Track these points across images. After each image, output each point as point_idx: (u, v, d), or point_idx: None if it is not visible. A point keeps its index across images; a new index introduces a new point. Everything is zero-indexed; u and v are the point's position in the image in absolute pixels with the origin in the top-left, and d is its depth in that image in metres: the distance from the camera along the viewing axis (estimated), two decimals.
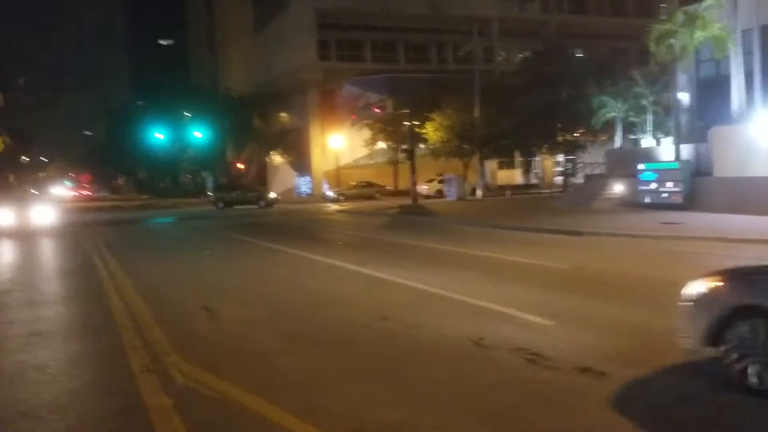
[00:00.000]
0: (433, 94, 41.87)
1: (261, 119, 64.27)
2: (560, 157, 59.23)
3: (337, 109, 57.04)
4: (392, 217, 28.55)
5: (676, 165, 21.37)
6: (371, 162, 56.50)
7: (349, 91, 57.19)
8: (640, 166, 22.89)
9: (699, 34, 21.06)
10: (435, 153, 41.40)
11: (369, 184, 50.71)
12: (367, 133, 52.58)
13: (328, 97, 57.47)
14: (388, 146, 52.97)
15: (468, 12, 60.13)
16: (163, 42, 79.45)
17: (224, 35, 77.18)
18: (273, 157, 62.62)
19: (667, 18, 22.96)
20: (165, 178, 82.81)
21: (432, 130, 39.64)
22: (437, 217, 26.04)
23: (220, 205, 42.58)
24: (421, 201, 37.21)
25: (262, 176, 62.14)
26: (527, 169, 57.56)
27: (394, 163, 53.95)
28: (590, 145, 44.61)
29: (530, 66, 43.45)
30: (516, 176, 59.00)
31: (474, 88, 38.92)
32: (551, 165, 64.29)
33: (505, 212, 26.51)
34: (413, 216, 27.36)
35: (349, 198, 48.23)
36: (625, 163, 32.06)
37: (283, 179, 61.15)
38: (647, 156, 31.53)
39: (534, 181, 61.07)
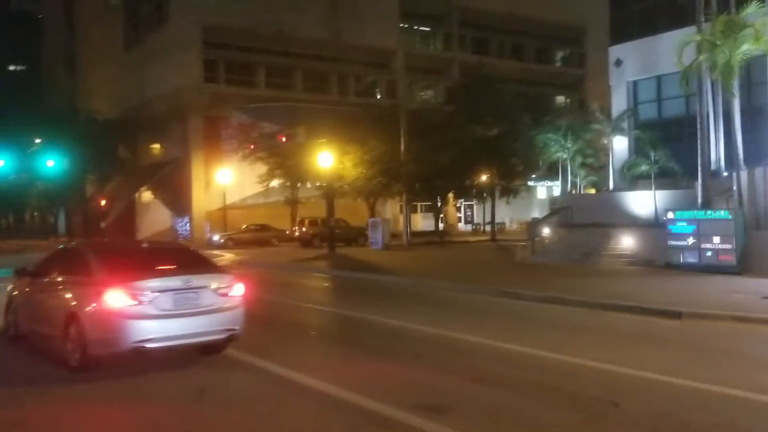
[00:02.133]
0: (345, 126, 35.73)
1: (128, 149, 55.04)
2: (462, 203, 55.48)
3: (223, 139, 49.31)
4: (323, 273, 21.70)
5: (727, 215, 16.31)
6: (263, 201, 49.14)
7: (238, 119, 49.75)
8: (670, 215, 17.70)
9: (746, 47, 16.39)
10: (355, 191, 34.99)
11: (263, 227, 43.19)
12: (260, 168, 45.31)
13: (213, 125, 49.64)
14: (286, 183, 45.96)
15: (370, 42, 55.13)
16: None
17: (87, 53, 67.09)
18: (143, 193, 53.37)
19: (703, 31, 18.26)
20: (7, 215, 70.16)
21: (351, 165, 33.29)
22: (392, 274, 19.51)
23: None
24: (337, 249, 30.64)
25: (129, 215, 52.63)
26: (437, 214, 52.56)
27: (292, 203, 46.92)
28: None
29: (457, 98, 38.42)
30: (419, 221, 53.81)
31: (399, 119, 33.21)
32: (455, 211, 59.90)
33: (482, 270, 20.53)
34: (353, 272, 20.68)
35: (239, 243, 40.55)
36: (591, 209, 27.43)
37: (156, 220, 52.03)
38: (616, 202, 27.17)
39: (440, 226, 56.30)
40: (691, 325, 11.19)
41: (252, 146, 38.29)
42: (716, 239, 16.36)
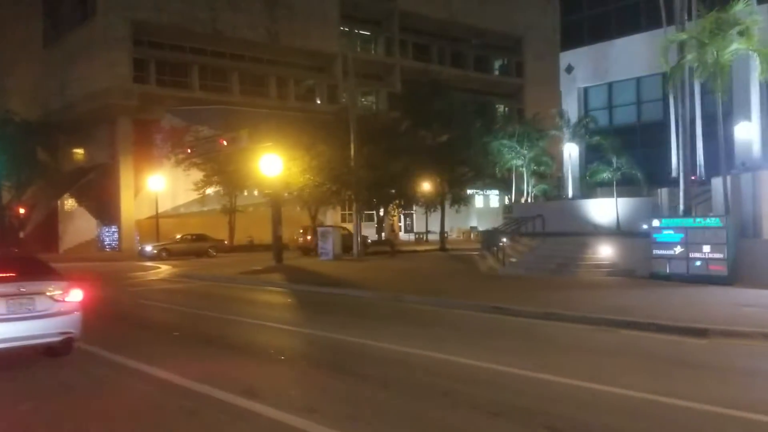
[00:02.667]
0: (289, 131, 33.80)
1: (49, 153, 51.14)
2: (400, 212, 54.31)
3: (154, 144, 46.34)
4: (279, 287, 19.74)
5: (718, 222, 15.38)
6: (198, 210, 46.44)
7: (170, 122, 46.95)
8: (655, 222, 16.70)
9: (735, 47, 15.64)
10: (300, 199, 33.04)
11: (200, 237, 40.48)
12: (195, 175, 42.71)
13: (143, 128, 46.59)
14: (224, 191, 43.53)
15: (309, 45, 53.40)
16: None
17: (2, 50, 62.30)
18: (67, 201, 49.60)
19: (688, 29, 17.44)
20: None
21: (297, 172, 31.35)
22: (359, 288, 17.77)
23: None
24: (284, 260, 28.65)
25: (51, 224, 48.75)
26: (380, 222, 51.13)
27: (229, 212, 44.48)
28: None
29: (404, 103, 37.11)
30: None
31: (348, 124, 31.57)
32: (396, 220, 58.77)
33: (454, 282, 19.04)
34: (315, 287, 18.81)
35: (173, 254, 37.84)
36: (554, 217, 26.54)
37: (81, 229, 48.37)
38: (578, 210, 26.41)
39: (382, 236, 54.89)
40: (720, 345, 10.03)
41: (189, 150, 35.79)
42: (706, 248, 15.44)
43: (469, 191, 42.11)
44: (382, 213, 46.80)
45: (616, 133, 30.74)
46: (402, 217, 59.91)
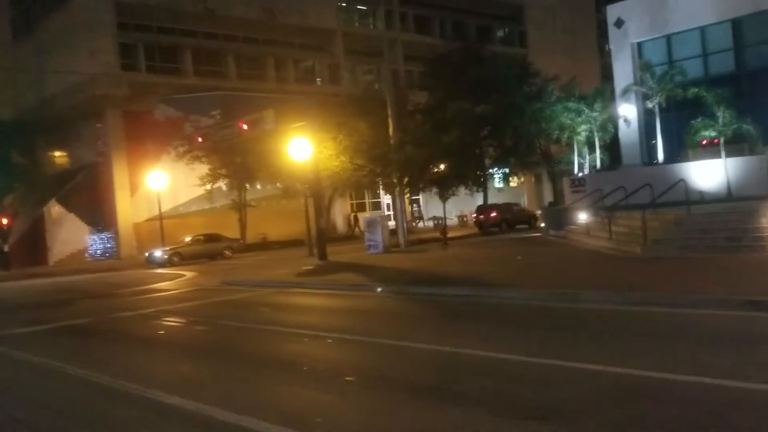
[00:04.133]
0: (310, 111, 29.55)
1: (26, 156, 46.08)
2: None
3: (149, 137, 41.64)
4: (367, 290, 15.58)
5: None
6: (201, 208, 42.07)
7: (164, 113, 42.37)
8: None
9: None
10: (336, 186, 28.87)
11: (213, 238, 36.05)
12: (198, 170, 38.30)
13: (135, 121, 41.84)
14: (233, 185, 39.18)
15: (307, 22, 48.96)
16: None
17: None
18: (53, 207, 44.68)
19: None
20: None
21: (330, 155, 27.14)
22: (480, 286, 13.70)
23: None
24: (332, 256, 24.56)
25: (37, 234, 43.83)
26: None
27: (240, 207, 40.13)
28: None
29: (441, 69, 32.93)
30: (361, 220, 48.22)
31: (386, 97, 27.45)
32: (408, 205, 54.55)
33: (594, 269, 15.14)
34: (414, 287, 14.66)
35: (186, 258, 33.58)
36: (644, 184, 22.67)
37: (71, 237, 43.51)
38: (676, 175, 22.55)
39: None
40: None
41: (200, 139, 31.31)
42: None
43: (501, 169, 38.06)
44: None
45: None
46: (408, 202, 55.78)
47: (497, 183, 52.79)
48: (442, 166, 28.86)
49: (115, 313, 14.93)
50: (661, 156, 25.00)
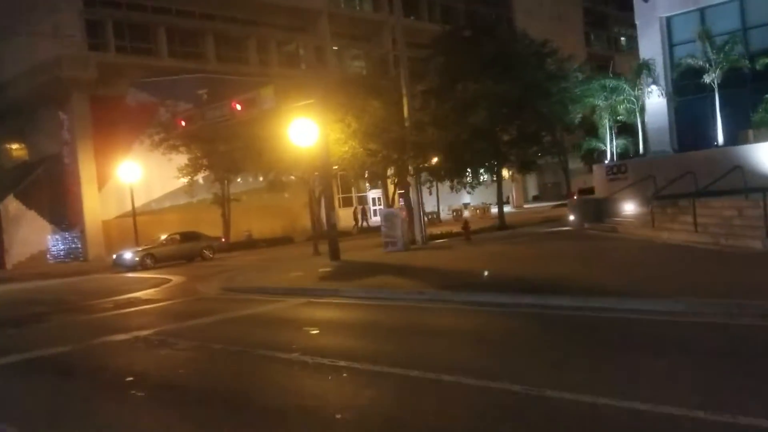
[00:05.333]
0: (310, 90, 25.88)
1: None
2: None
3: (120, 125, 37.45)
4: (434, 301, 12.11)
5: None
6: (175, 204, 38.23)
7: (136, 98, 38.27)
8: None
9: None
10: (349, 172, 25.29)
11: (190, 236, 32.06)
12: (175, 161, 34.36)
13: (103, 107, 37.58)
14: (215, 177, 35.33)
15: (291, 1, 45.23)
16: None
17: None
18: (10, 204, 40.11)
19: None
20: None
21: (337, 139, 23.54)
22: (589, 294, 10.47)
23: None
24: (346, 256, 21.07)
25: None
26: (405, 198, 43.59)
27: (223, 202, 36.29)
28: None
29: (452, 44, 29.45)
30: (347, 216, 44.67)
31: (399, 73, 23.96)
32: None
33: (709, 269, 12.01)
34: (495, 296, 11.28)
35: (160, 260, 29.68)
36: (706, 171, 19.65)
37: (32, 237, 39.03)
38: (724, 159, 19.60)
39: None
40: None
41: (182, 123, 27.37)
42: None
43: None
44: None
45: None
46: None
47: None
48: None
49: (103, 335, 11.22)
50: (720, 138, 22.04)
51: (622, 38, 77.03)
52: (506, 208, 61.01)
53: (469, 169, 27.72)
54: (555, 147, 32.97)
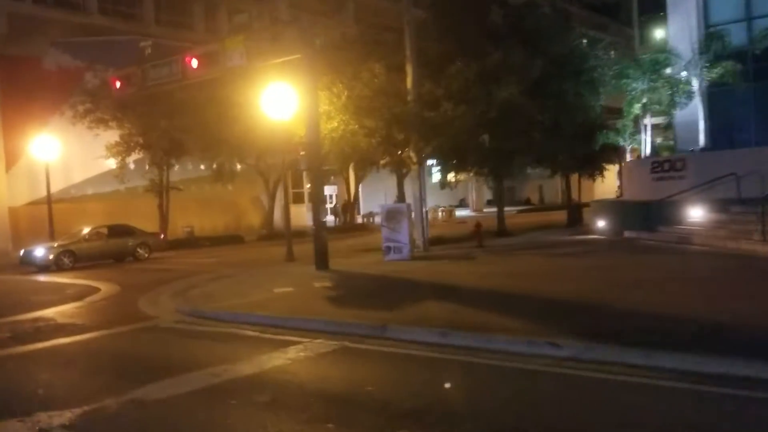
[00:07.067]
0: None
1: None
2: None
3: (35, 92, 30.61)
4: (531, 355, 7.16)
5: None
6: (100, 191, 31.98)
7: (57, 61, 31.64)
8: None
9: None
10: (338, 156, 19.74)
11: (120, 231, 25.80)
12: (107, 137, 28.17)
13: (14, 69, 30.75)
14: (155, 159, 29.16)
15: None
16: None
17: None
18: None
19: None
20: None
21: (334, 111, 18.19)
22: None
23: None
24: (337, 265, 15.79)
25: None
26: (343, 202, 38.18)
27: (160, 191, 30.11)
28: None
29: (454, 12, 24.27)
30: (302, 214, 39.06)
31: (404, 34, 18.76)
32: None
33: None
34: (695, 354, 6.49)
35: (81, 259, 23.58)
36: None
37: None
38: None
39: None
40: None
41: (117, 83, 21.19)
42: None
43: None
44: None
45: None
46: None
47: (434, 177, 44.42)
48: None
49: None
50: None
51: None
52: (464, 212, 57.07)
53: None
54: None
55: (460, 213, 53.76)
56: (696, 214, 17.56)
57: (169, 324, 10.50)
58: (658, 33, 27.68)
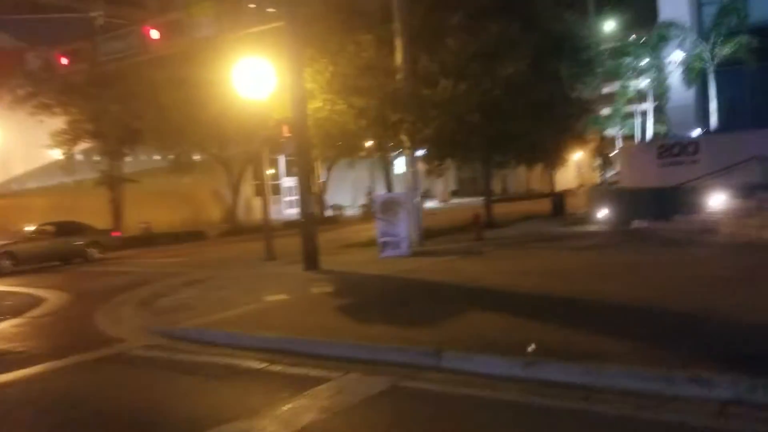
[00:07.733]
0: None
1: None
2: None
3: None
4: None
5: None
6: (43, 185, 29.01)
7: None
8: None
9: None
10: (322, 140, 17.39)
11: (69, 228, 23.04)
12: (51, 125, 25.28)
13: None
14: (104, 149, 26.34)
15: None
16: None
17: None
18: None
19: None
20: None
21: (318, 89, 15.92)
22: None
23: None
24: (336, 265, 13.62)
25: None
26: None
27: (113, 183, 27.27)
28: None
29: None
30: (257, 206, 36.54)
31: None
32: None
33: None
34: None
35: (23, 261, 20.92)
36: None
37: None
38: None
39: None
40: None
41: (63, 60, 18.33)
42: None
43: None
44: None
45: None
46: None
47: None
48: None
49: None
50: None
51: None
52: (431, 204, 55.11)
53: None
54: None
55: (425, 205, 51.85)
56: (717, 201, 15.90)
57: (141, 351, 8.10)
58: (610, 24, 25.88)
